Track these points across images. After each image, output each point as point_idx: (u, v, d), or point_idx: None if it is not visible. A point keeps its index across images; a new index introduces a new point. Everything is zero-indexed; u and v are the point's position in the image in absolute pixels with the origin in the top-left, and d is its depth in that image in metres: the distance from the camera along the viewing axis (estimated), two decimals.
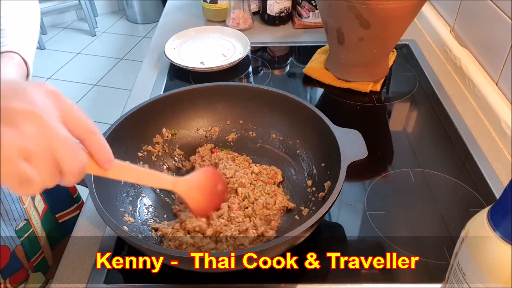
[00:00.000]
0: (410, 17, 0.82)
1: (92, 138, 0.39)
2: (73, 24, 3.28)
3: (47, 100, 0.36)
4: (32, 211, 0.70)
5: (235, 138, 0.74)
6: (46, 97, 0.36)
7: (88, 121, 0.39)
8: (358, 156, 0.58)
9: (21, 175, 0.34)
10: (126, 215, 0.60)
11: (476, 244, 0.38)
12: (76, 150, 0.37)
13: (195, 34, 1.07)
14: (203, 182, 0.58)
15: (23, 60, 0.61)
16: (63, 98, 0.38)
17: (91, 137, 0.39)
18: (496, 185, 0.68)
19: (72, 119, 0.38)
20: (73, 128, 0.38)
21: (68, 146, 0.36)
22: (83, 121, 0.39)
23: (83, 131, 0.39)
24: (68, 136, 0.37)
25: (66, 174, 0.37)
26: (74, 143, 0.37)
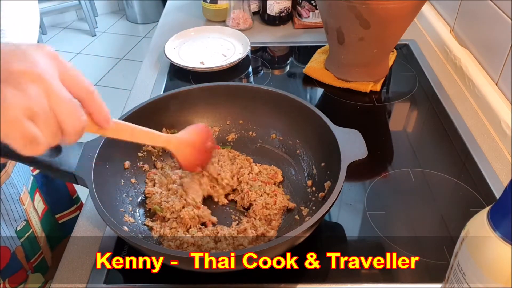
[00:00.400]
0: (410, 17, 0.82)
1: (90, 98, 0.40)
2: (73, 24, 3.28)
3: (47, 61, 0.37)
4: (31, 212, 0.70)
5: (235, 138, 0.74)
6: (46, 58, 0.37)
7: (86, 81, 0.40)
8: (358, 156, 0.58)
9: (27, 134, 0.35)
10: (126, 215, 0.60)
11: (476, 244, 0.38)
12: (77, 109, 0.38)
13: (195, 34, 1.07)
14: (194, 139, 0.60)
15: None
16: (62, 59, 0.39)
17: (89, 96, 0.40)
18: (496, 185, 0.68)
19: (71, 79, 0.38)
20: (72, 88, 0.38)
21: (69, 105, 0.37)
22: (82, 81, 0.39)
23: (82, 91, 0.39)
24: (69, 96, 0.37)
25: (67, 133, 0.38)
26: (75, 103, 0.38)
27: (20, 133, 0.35)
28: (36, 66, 0.35)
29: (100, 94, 0.41)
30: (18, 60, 0.35)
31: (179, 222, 0.60)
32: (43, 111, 0.35)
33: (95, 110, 0.41)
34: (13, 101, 0.34)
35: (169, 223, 0.60)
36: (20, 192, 0.67)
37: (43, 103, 0.35)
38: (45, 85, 0.35)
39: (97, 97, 0.41)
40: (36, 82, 0.35)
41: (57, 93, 0.36)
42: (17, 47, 0.36)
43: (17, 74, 0.34)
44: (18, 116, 0.34)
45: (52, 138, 0.37)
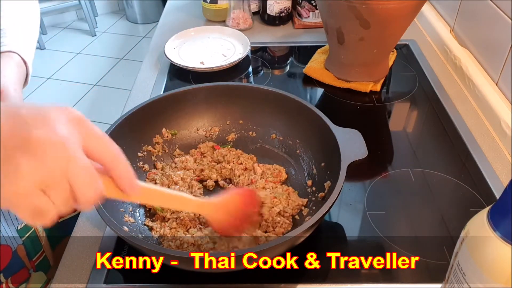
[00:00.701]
0: (410, 17, 0.82)
1: (115, 164, 0.39)
2: (73, 24, 3.28)
3: (70, 126, 0.35)
4: None
5: (235, 138, 0.74)
6: (69, 123, 0.36)
7: (112, 147, 0.38)
8: (358, 156, 0.58)
9: (36, 208, 0.34)
10: (126, 215, 0.60)
11: (476, 244, 0.38)
12: (92, 179, 0.36)
13: (195, 34, 1.07)
14: (230, 205, 0.55)
15: (23, 60, 0.61)
16: (87, 123, 0.37)
17: (114, 162, 0.39)
18: (496, 185, 0.68)
19: (95, 145, 0.37)
20: (96, 154, 0.37)
21: (84, 175, 0.36)
22: (107, 147, 0.38)
23: (106, 157, 0.38)
24: (87, 165, 0.36)
25: (81, 202, 0.36)
26: (91, 172, 0.36)
27: (29, 206, 0.34)
28: (56, 133, 0.34)
29: (100, 94, 0.40)
30: (38, 126, 0.34)
31: (179, 223, 0.60)
32: (57, 182, 0.34)
33: (120, 176, 0.39)
34: (27, 173, 0.33)
35: (169, 223, 0.60)
36: None
37: (58, 173, 0.34)
38: (64, 154, 0.34)
39: (122, 163, 0.39)
40: (54, 151, 0.34)
41: (76, 162, 0.35)
42: (39, 110, 0.35)
43: (35, 141, 0.33)
44: (30, 189, 0.33)
45: (64, 206, 0.36)
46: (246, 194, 0.58)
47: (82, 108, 2.41)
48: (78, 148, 0.35)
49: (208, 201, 0.55)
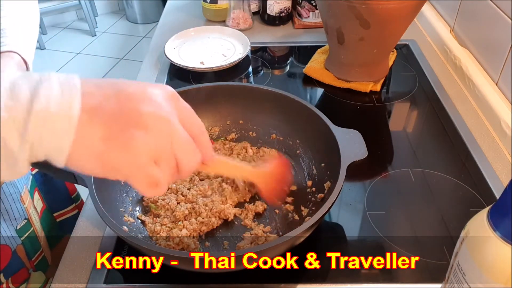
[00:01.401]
0: (410, 17, 0.82)
1: (202, 138, 0.41)
2: (73, 24, 3.28)
3: (169, 101, 0.37)
4: (32, 211, 0.70)
5: (235, 138, 0.74)
6: (168, 99, 0.37)
7: (200, 122, 0.41)
8: (358, 157, 0.58)
9: (152, 179, 0.36)
10: (126, 215, 0.60)
11: (476, 244, 0.38)
12: (195, 150, 0.39)
13: (195, 34, 1.07)
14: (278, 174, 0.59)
15: (23, 59, 0.61)
16: (180, 98, 0.39)
17: (201, 136, 0.41)
18: (496, 185, 0.68)
19: (187, 119, 0.39)
20: (187, 127, 0.39)
21: (189, 147, 0.38)
22: (196, 120, 0.40)
23: (195, 130, 0.40)
24: (187, 138, 0.38)
25: (183, 171, 0.39)
26: (192, 144, 0.39)
27: (146, 177, 0.36)
28: (162, 108, 0.36)
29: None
30: (145, 102, 0.35)
31: (172, 221, 0.60)
32: (167, 154, 0.36)
33: (203, 148, 0.41)
34: (142, 145, 0.34)
35: (161, 219, 0.60)
36: (21, 191, 0.67)
37: (168, 146, 0.36)
38: (170, 128, 0.36)
39: (207, 137, 0.42)
40: (162, 126, 0.36)
41: (179, 134, 0.37)
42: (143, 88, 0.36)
43: (146, 116, 0.35)
44: (146, 160, 0.35)
45: (171, 178, 0.38)
46: (286, 164, 0.62)
47: None
48: (178, 122, 0.37)
49: (262, 169, 0.58)
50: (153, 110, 0.35)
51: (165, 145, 0.36)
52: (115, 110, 0.34)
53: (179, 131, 0.37)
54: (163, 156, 0.36)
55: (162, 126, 0.36)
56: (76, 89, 0.33)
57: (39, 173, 0.76)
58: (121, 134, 0.34)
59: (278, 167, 0.59)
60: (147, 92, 0.36)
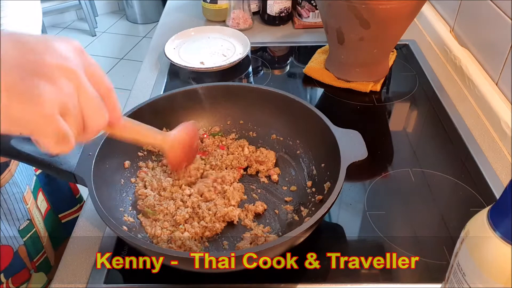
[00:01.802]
0: (410, 17, 0.82)
1: (109, 95, 0.39)
2: (73, 24, 3.28)
3: (76, 56, 0.36)
4: (34, 211, 0.70)
5: (235, 138, 0.74)
6: (75, 52, 0.36)
7: (107, 79, 0.39)
8: (358, 157, 0.58)
9: (60, 131, 0.34)
10: (126, 215, 0.60)
11: (476, 244, 0.38)
12: (102, 107, 0.38)
13: (195, 34, 1.07)
14: (185, 137, 0.58)
15: None
16: (87, 54, 0.38)
17: (108, 94, 0.39)
18: (496, 185, 0.68)
19: (95, 76, 0.38)
20: (95, 84, 0.37)
21: (96, 103, 0.37)
22: (103, 78, 0.39)
23: (102, 87, 0.38)
24: (96, 93, 0.37)
25: (90, 130, 0.37)
26: (100, 101, 0.37)
27: (54, 129, 0.34)
28: (68, 61, 0.34)
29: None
30: (51, 53, 0.34)
31: (172, 225, 0.60)
32: (74, 108, 0.35)
33: (111, 108, 0.40)
34: (49, 96, 0.33)
35: (161, 223, 0.60)
36: (23, 192, 0.67)
37: (74, 99, 0.35)
38: (77, 81, 0.35)
39: (114, 96, 0.40)
40: (69, 78, 0.34)
41: (86, 90, 0.36)
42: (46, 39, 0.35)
43: (50, 67, 0.33)
44: (54, 112, 0.33)
45: (78, 135, 0.36)
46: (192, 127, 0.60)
47: None
48: (85, 76, 0.36)
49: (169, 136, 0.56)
50: (58, 61, 0.34)
51: (71, 97, 0.34)
52: (17, 61, 0.32)
53: (86, 86, 0.35)
54: (69, 109, 0.34)
55: (68, 78, 0.34)
56: None
57: (43, 174, 0.76)
58: (22, 84, 0.32)
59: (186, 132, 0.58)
60: (51, 44, 0.34)
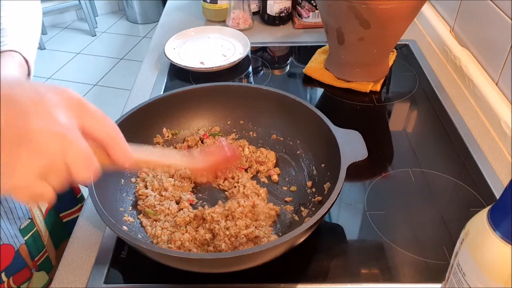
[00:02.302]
0: (410, 17, 0.82)
1: (113, 142, 0.40)
2: (73, 24, 3.28)
3: (69, 111, 0.36)
4: (35, 210, 0.70)
5: (235, 138, 0.74)
6: (68, 107, 0.36)
7: (110, 125, 0.40)
8: (358, 157, 0.58)
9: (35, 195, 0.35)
10: (126, 215, 0.60)
11: (476, 244, 0.38)
12: (89, 161, 0.37)
13: (195, 34, 1.07)
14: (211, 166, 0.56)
15: (24, 59, 0.60)
16: (86, 105, 0.38)
17: (112, 141, 0.40)
18: (496, 185, 0.68)
19: (93, 126, 0.38)
20: (93, 134, 0.38)
21: (82, 159, 0.36)
22: (105, 126, 0.39)
23: (104, 135, 0.39)
24: (83, 149, 0.36)
25: (77, 181, 0.38)
26: (88, 155, 0.37)
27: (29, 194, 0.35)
28: (55, 123, 0.34)
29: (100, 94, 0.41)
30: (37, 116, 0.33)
31: (173, 225, 0.60)
32: (56, 168, 0.35)
33: (116, 153, 0.41)
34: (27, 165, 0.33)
35: (161, 223, 0.60)
36: None
37: (58, 160, 0.35)
38: (62, 143, 0.34)
39: (120, 141, 0.41)
40: (54, 142, 0.34)
41: (73, 148, 0.35)
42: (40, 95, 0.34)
43: (35, 133, 0.33)
44: (30, 180, 0.34)
45: (60, 186, 0.37)
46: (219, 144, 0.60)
47: None
48: (77, 132, 0.36)
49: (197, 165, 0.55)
50: (43, 126, 0.33)
51: (54, 160, 0.35)
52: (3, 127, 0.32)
53: (73, 144, 0.35)
54: (51, 171, 0.35)
55: (52, 143, 0.34)
56: None
57: None
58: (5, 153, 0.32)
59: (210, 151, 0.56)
60: (42, 102, 0.34)
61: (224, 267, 0.51)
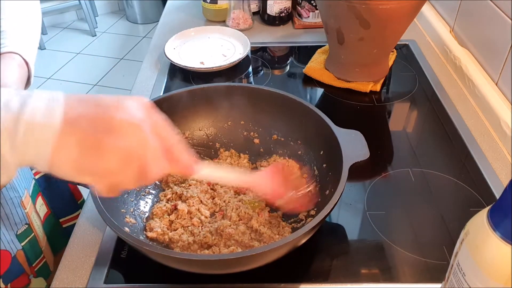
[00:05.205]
0: (410, 17, 0.82)
1: (176, 148, 0.44)
2: (73, 24, 3.28)
3: (143, 112, 0.40)
4: (33, 216, 0.70)
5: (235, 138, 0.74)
6: (142, 109, 0.40)
7: (175, 134, 0.43)
8: (360, 157, 0.57)
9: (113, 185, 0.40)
10: (127, 216, 0.60)
11: (476, 244, 0.38)
12: (162, 160, 0.41)
13: (195, 34, 1.07)
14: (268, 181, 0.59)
15: (24, 60, 0.61)
16: (156, 110, 0.42)
17: (175, 147, 0.43)
18: (496, 185, 0.68)
19: (161, 130, 0.42)
20: (162, 139, 0.41)
21: (156, 156, 0.41)
22: (170, 133, 0.43)
23: (170, 143, 0.43)
24: (157, 146, 0.40)
25: (149, 178, 0.41)
26: (161, 154, 0.41)
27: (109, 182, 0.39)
28: (134, 117, 0.39)
29: (100, 94, 0.43)
30: (119, 111, 0.39)
31: (186, 230, 0.60)
32: (135, 159, 0.39)
33: (179, 159, 0.44)
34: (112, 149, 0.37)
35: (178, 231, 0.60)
36: (22, 196, 0.67)
37: (137, 150, 0.39)
38: (140, 134, 0.39)
39: (181, 148, 0.44)
40: (133, 131, 0.38)
41: (148, 142, 0.39)
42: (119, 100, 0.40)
43: (118, 123, 0.38)
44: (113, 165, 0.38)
45: (135, 182, 0.40)
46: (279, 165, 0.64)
47: None
48: (150, 131, 0.40)
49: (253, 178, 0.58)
50: (125, 117, 0.38)
51: (134, 149, 0.38)
52: (91, 119, 0.37)
53: (148, 138, 0.39)
54: (131, 160, 0.38)
55: (132, 132, 0.38)
56: (59, 103, 0.36)
57: (43, 178, 0.75)
58: (92, 138, 0.36)
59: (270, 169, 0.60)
60: (122, 103, 0.39)
61: (226, 268, 0.51)
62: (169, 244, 0.59)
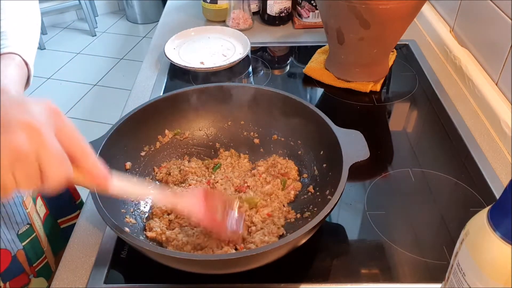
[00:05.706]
0: (410, 17, 0.82)
1: (84, 157, 0.42)
2: (73, 24, 3.28)
3: (47, 115, 0.39)
4: (34, 216, 0.70)
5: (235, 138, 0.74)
6: (46, 112, 0.40)
7: (82, 141, 0.42)
8: (360, 157, 0.57)
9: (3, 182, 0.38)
10: (127, 216, 0.60)
11: (476, 244, 0.38)
12: (62, 162, 0.40)
13: (195, 34, 1.07)
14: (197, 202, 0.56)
15: (24, 61, 0.60)
16: (63, 116, 0.41)
17: (83, 155, 0.42)
18: (496, 185, 0.68)
19: (67, 136, 0.41)
20: (67, 144, 0.40)
21: (55, 158, 0.39)
22: (77, 140, 0.42)
23: (76, 148, 0.42)
24: (57, 149, 0.39)
25: (49, 182, 0.40)
26: (62, 156, 0.40)
27: None
28: (33, 118, 0.38)
29: (100, 94, 0.43)
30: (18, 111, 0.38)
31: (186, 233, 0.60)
32: (26, 160, 0.38)
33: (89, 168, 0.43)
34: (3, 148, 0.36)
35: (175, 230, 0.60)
36: (23, 196, 0.67)
37: (29, 152, 0.38)
38: (38, 136, 0.38)
39: (91, 156, 0.43)
40: (28, 132, 0.38)
41: (47, 144, 0.38)
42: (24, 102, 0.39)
43: (13, 122, 0.38)
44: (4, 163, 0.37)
45: (28, 184, 0.39)
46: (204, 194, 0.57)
47: (82, 108, 2.41)
48: (52, 134, 0.39)
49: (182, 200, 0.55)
50: (22, 117, 0.38)
51: (27, 152, 0.37)
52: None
53: (48, 142, 0.38)
54: (21, 162, 0.38)
55: (29, 133, 0.38)
56: None
57: None
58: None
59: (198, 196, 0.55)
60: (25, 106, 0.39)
61: (226, 268, 0.51)
62: (164, 242, 0.58)
